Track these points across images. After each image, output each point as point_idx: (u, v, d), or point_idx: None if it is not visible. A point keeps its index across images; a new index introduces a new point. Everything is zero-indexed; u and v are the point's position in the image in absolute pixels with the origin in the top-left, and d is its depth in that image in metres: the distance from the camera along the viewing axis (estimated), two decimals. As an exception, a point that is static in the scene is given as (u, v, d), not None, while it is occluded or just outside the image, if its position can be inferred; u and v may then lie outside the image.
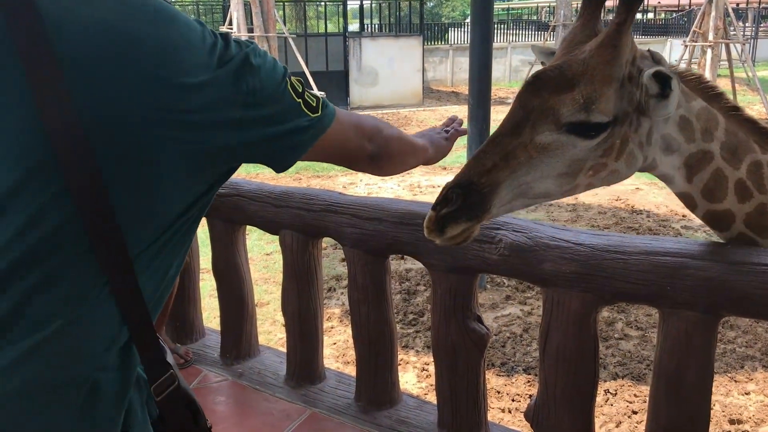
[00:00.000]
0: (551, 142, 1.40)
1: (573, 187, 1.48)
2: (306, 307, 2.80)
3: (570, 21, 17.40)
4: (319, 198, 2.64)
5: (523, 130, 1.40)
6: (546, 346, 2.11)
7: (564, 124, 1.38)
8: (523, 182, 1.42)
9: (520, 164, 1.40)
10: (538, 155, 1.40)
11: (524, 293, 5.53)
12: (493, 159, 1.40)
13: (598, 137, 1.41)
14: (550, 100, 1.39)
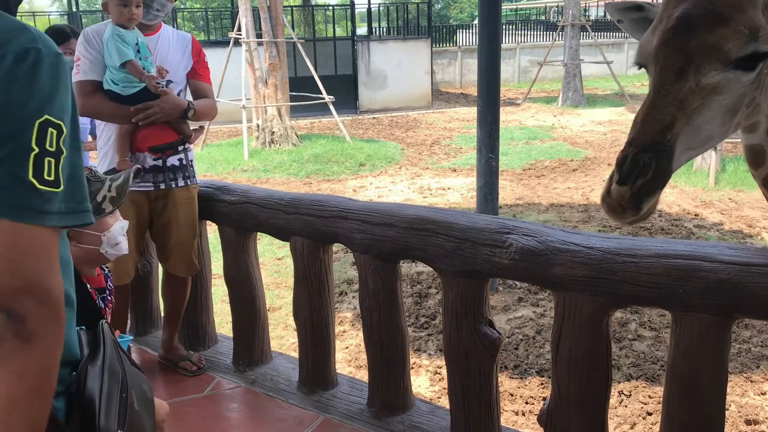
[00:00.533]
0: (719, 80, 1.30)
1: (729, 126, 1.38)
2: (317, 314, 2.80)
3: (578, 21, 17.34)
4: (330, 204, 2.65)
5: (687, 74, 1.30)
6: (558, 349, 2.10)
7: (733, 60, 1.29)
8: (695, 128, 1.31)
9: (695, 111, 1.29)
10: (708, 97, 1.30)
11: (537, 295, 5.51)
12: (671, 111, 1.28)
13: (757, 68, 1.32)
14: (709, 38, 1.29)
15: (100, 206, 1.60)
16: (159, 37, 2.94)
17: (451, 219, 2.30)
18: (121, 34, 2.72)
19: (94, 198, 1.59)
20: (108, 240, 1.61)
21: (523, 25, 29.18)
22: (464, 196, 8.78)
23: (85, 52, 2.80)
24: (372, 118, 16.55)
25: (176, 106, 2.84)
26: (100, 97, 2.80)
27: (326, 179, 9.89)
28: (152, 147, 2.85)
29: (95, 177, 1.63)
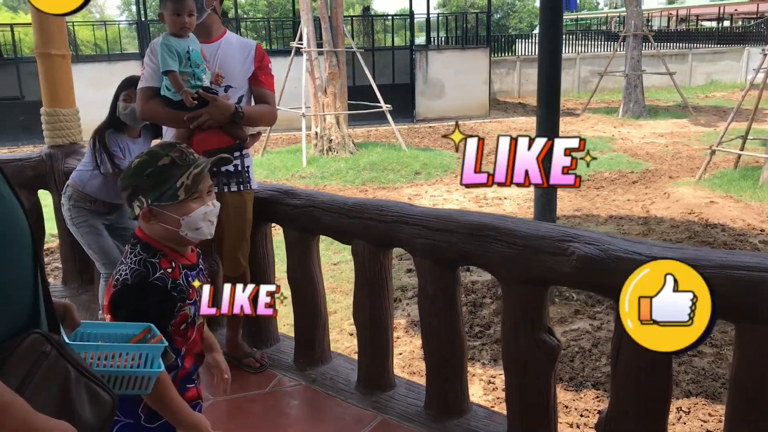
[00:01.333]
0: None
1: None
2: (377, 316, 2.87)
3: (641, 31, 17.03)
4: (391, 209, 2.71)
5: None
6: (618, 359, 2.11)
7: None
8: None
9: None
10: None
11: (594, 308, 5.45)
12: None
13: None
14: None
15: (177, 192, 1.66)
16: (221, 44, 3.04)
17: (512, 226, 2.33)
18: (169, 44, 2.84)
19: (174, 183, 1.65)
20: (187, 224, 1.67)
21: (583, 35, 28.79)
22: (521, 206, 8.73)
23: (149, 61, 2.96)
24: (428, 126, 16.60)
25: (224, 112, 2.93)
26: (156, 102, 2.96)
27: (382, 187, 9.98)
28: (207, 151, 2.91)
29: (183, 160, 1.68)
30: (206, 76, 2.94)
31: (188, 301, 1.71)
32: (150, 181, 1.65)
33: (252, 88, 3.12)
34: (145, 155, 1.69)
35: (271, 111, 3.17)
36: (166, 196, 1.65)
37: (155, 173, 1.66)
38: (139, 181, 1.66)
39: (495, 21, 35.84)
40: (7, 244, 1.04)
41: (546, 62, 5.22)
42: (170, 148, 1.70)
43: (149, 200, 1.65)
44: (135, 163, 1.69)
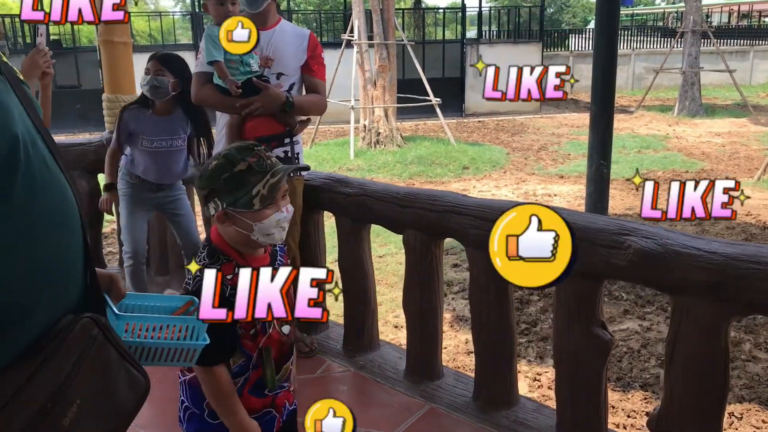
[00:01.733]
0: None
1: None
2: (427, 305, 2.88)
3: (700, 27, 16.56)
4: (444, 199, 2.71)
5: None
6: (673, 355, 2.08)
7: None
8: None
9: None
10: None
11: (643, 308, 5.35)
12: None
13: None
14: None
15: (252, 201, 1.64)
16: (275, 31, 3.08)
17: (567, 217, 2.29)
18: (213, 34, 2.87)
19: (249, 191, 1.64)
20: (259, 230, 1.67)
21: (638, 31, 28.15)
22: (571, 203, 8.62)
23: (203, 46, 3.03)
24: (478, 121, 16.49)
25: (275, 101, 2.98)
26: (210, 88, 3.02)
27: (429, 181, 9.96)
28: (258, 138, 2.93)
29: (260, 166, 1.67)
30: (254, 60, 2.98)
31: None
32: (226, 186, 1.65)
33: (303, 76, 3.16)
34: (223, 158, 1.68)
35: (320, 100, 3.22)
36: (241, 203, 1.65)
37: (231, 179, 1.65)
38: (215, 185, 1.66)
39: (548, 15, 35.34)
40: (58, 227, 1.06)
41: (601, 58, 5.15)
42: (248, 152, 1.68)
43: (224, 204, 1.66)
44: (213, 165, 1.68)
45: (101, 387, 1.10)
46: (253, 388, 1.76)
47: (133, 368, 1.17)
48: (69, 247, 1.10)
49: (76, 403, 1.03)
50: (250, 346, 1.72)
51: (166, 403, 2.15)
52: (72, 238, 1.10)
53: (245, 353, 1.72)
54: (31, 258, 1.02)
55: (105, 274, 1.32)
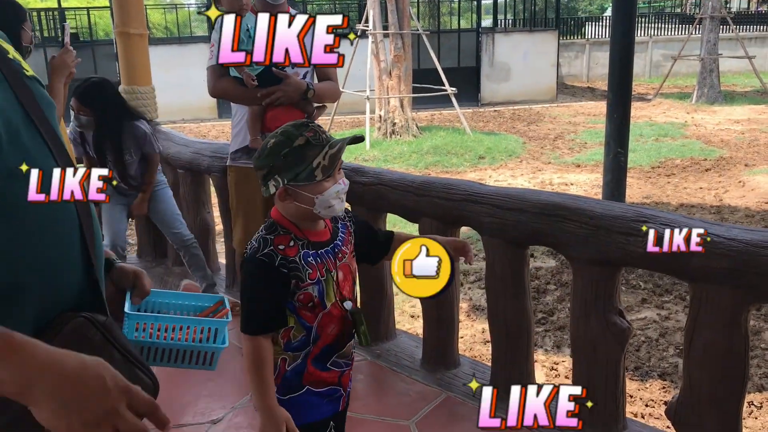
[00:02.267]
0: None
1: None
2: (444, 295, 2.87)
3: (719, 13, 16.32)
4: (460, 188, 2.70)
5: None
6: (692, 343, 2.06)
7: None
8: None
9: None
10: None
11: (661, 297, 5.32)
12: None
13: None
14: None
15: (313, 173, 1.66)
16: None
17: (584, 205, 2.30)
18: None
19: (310, 163, 1.67)
20: (320, 202, 1.69)
21: (656, 18, 27.81)
22: (587, 192, 8.56)
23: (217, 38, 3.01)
24: (493, 110, 16.40)
25: (297, 89, 2.98)
26: (227, 80, 3.01)
27: (445, 171, 9.94)
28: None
29: (317, 140, 1.69)
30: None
31: (308, 281, 1.70)
32: (287, 161, 1.67)
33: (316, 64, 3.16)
34: (280, 135, 1.70)
35: (335, 87, 3.25)
36: (303, 176, 1.67)
37: (292, 153, 1.67)
38: (275, 162, 1.68)
39: (564, 3, 35.01)
40: (45, 221, 1.03)
41: (619, 45, 5.09)
42: (304, 128, 1.70)
43: (285, 180, 1.68)
44: (271, 143, 1.70)
45: None
46: (315, 362, 1.76)
47: (139, 370, 1.11)
48: (65, 244, 1.07)
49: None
50: (309, 317, 1.73)
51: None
52: (65, 233, 1.07)
53: (305, 326, 1.73)
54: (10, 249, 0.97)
55: (129, 270, 1.30)
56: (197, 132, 13.40)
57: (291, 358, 1.74)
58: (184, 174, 4.18)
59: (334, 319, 1.76)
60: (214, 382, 2.98)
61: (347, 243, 1.84)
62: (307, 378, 1.75)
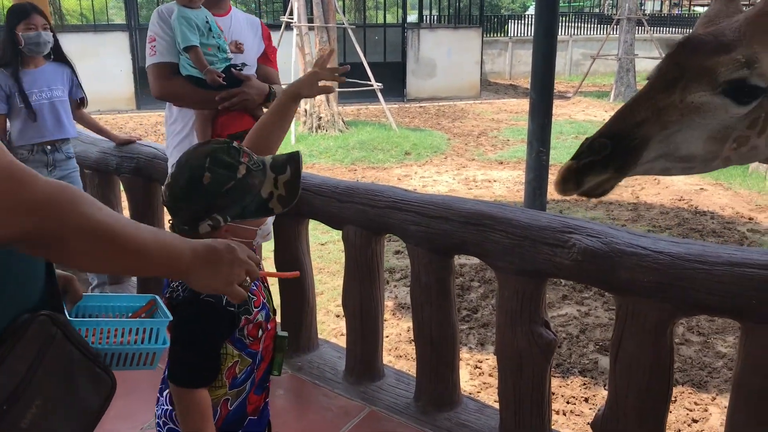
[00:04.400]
0: (704, 102, 1.35)
1: (715, 156, 1.43)
2: (367, 304, 2.78)
3: (635, 15, 16.91)
4: (384, 194, 2.61)
5: (675, 88, 1.37)
6: (618, 356, 2.04)
7: (721, 83, 1.34)
8: (671, 141, 1.38)
9: (671, 122, 1.36)
10: (689, 115, 1.36)
11: (581, 293, 5.41)
12: (644, 113, 1.36)
13: (750, 104, 1.36)
14: (706, 60, 1.35)
15: (267, 205, 1.45)
16: (231, 18, 2.82)
17: (510, 215, 2.24)
18: (187, 16, 2.57)
19: (257, 194, 1.44)
20: (261, 232, 1.54)
21: (576, 18, 28.63)
22: (510, 189, 8.67)
23: (161, 32, 2.67)
24: (419, 106, 16.45)
25: (261, 92, 2.74)
26: (179, 80, 2.68)
27: (371, 167, 9.87)
28: (231, 135, 2.68)
29: (255, 165, 1.46)
30: (227, 47, 2.72)
31: (255, 309, 1.53)
32: (231, 197, 1.43)
33: (260, 66, 2.91)
34: (218, 168, 1.42)
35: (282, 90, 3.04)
36: (251, 210, 1.44)
37: (235, 188, 1.42)
38: (216, 200, 1.42)
39: (487, 1, 35.64)
40: None
41: (542, 45, 5.11)
42: (236, 152, 1.46)
43: (228, 218, 1.43)
44: (208, 177, 1.41)
45: (63, 387, 1.08)
46: (257, 389, 1.64)
47: (97, 367, 1.16)
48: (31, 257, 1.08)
49: (35, 404, 1.01)
50: (255, 346, 1.58)
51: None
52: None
53: (251, 356, 1.57)
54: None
55: (61, 275, 1.28)
56: (114, 124, 12.82)
57: (234, 395, 1.56)
58: (91, 174, 3.91)
59: (270, 334, 1.64)
60: (123, 401, 2.78)
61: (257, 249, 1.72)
62: (248, 408, 1.61)
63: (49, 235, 0.95)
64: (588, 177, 1.35)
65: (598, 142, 1.34)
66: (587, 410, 3.78)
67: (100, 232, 1.00)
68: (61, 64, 3.67)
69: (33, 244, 0.96)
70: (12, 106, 3.42)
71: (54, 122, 3.54)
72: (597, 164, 1.34)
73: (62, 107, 3.60)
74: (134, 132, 9.32)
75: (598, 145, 1.34)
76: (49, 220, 0.94)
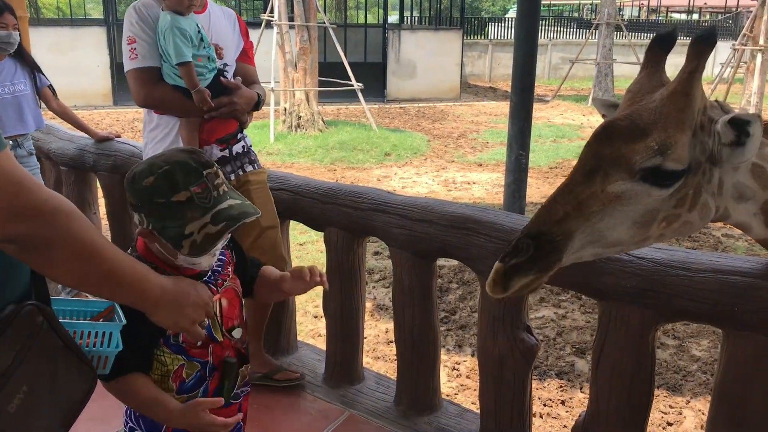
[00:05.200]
0: (624, 191, 1.36)
1: (645, 237, 1.43)
2: (348, 307, 2.75)
3: (614, 20, 17.08)
4: (368, 197, 2.59)
5: (595, 179, 1.37)
6: (600, 361, 2.04)
7: (638, 171, 1.35)
8: (596, 230, 1.38)
9: (593, 213, 1.37)
10: (611, 204, 1.36)
11: (558, 296, 5.44)
12: (565, 208, 1.37)
13: (672, 186, 1.36)
14: (622, 148, 1.36)
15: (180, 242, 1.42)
16: (210, 15, 2.64)
17: (494, 219, 2.23)
18: (182, 27, 2.42)
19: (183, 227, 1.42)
20: (184, 260, 1.48)
21: (555, 22, 28.86)
22: (489, 191, 8.70)
23: (143, 34, 2.48)
24: (399, 107, 16.46)
25: (250, 101, 2.62)
26: (165, 87, 2.52)
27: (351, 167, 9.85)
28: (219, 139, 2.63)
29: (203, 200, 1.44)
30: (212, 52, 2.57)
31: None
32: (158, 211, 1.42)
33: (239, 64, 2.77)
34: (163, 177, 1.42)
35: (264, 90, 2.87)
36: (168, 235, 1.42)
37: (166, 207, 1.41)
38: (146, 203, 1.43)
39: (468, 3, 35.74)
40: None
41: (523, 48, 5.12)
42: (195, 178, 1.43)
43: (150, 225, 1.44)
44: (150, 181, 1.42)
45: (49, 374, 1.13)
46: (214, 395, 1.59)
47: (78, 358, 1.20)
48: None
49: (22, 390, 1.07)
50: (200, 353, 1.55)
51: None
52: None
53: (198, 362, 1.55)
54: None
55: None
56: (90, 120, 12.56)
57: (185, 401, 1.53)
58: (67, 171, 3.84)
59: (228, 348, 1.61)
60: (97, 403, 2.73)
61: (228, 264, 1.66)
62: None
63: (40, 240, 1.02)
64: (513, 280, 1.36)
65: (522, 242, 1.36)
66: (564, 413, 3.80)
67: (85, 247, 1.09)
68: (21, 59, 3.62)
69: (22, 246, 1.02)
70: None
71: (16, 117, 3.47)
72: (521, 266, 1.35)
73: (25, 101, 3.53)
74: (111, 128, 9.19)
75: (522, 247, 1.35)
76: (46, 227, 1.02)
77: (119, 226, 3.62)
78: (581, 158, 1.42)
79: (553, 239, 1.36)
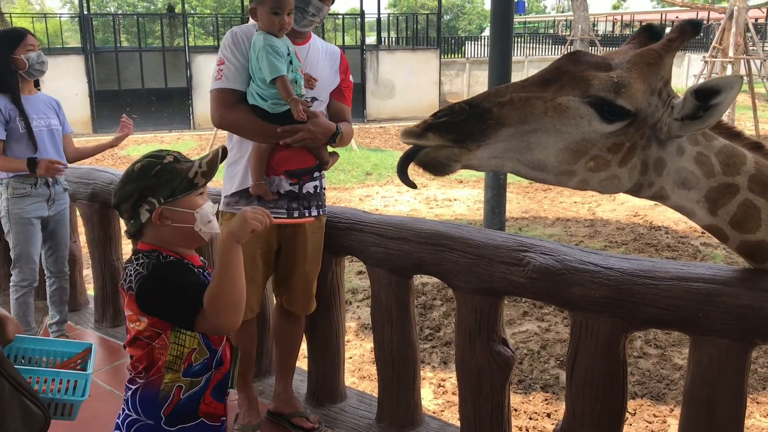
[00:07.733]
0: (571, 107, 1.42)
1: (570, 171, 1.48)
2: (328, 326, 2.78)
3: (588, 36, 17.36)
4: (344, 216, 2.63)
5: (550, 86, 1.44)
6: (574, 371, 2.08)
7: (591, 95, 1.42)
8: (526, 139, 1.43)
9: (533, 116, 1.42)
10: (553, 115, 1.42)
11: (542, 309, 5.48)
12: (512, 96, 1.42)
13: (613, 125, 1.43)
14: (586, 70, 1.43)
15: (193, 182, 1.63)
16: (309, 47, 2.61)
17: (467, 235, 2.29)
18: (274, 45, 2.41)
19: (185, 177, 1.63)
20: (201, 217, 1.62)
21: (531, 38, 29.25)
22: (470, 207, 8.77)
23: (232, 57, 2.48)
24: (379, 127, 16.57)
25: (326, 131, 2.51)
26: (243, 110, 2.47)
27: (332, 187, 9.89)
28: (289, 171, 2.54)
29: (182, 158, 1.68)
30: (301, 80, 2.50)
31: None
32: (160, 178, 1.61)
33: (332, 101, 2.67)
34: (144, 160, 1.65)
35: (352, 131, 2.77)
36: (181, 188, 1.62)
37: (164, 170, 1.62)
38: (147, 182, 1.61)
39: (445, 23, 36.12)
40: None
41: (497, 66, 5.22)
42: (164, 152, 1.68)
43: (162, 199, 1.61)
44: (136, 168, 1.64)
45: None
46: (214, 390, 1.70)
47: (30, 402, 1.17)
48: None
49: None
50: (216, 339, 1.68)
51: None
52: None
53: (210, 348, 1.67)
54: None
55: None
56: (68, 148, 12.61)
57: (188, 385, 1.64)
58: (46, 200, 3.83)
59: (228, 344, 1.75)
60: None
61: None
62: (203, 409, 1.68)
63: None
64: (431, 133, 1.43)
65: (459, 105, 1.41)
66: (549, 426, 3.82)
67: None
68: (49, 95, 3.59)
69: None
70: (11, 132, 3.20)
71: (54, 150, 3.35)
72: (444, 125, 1.41)
73: (59, 136, 3.44)
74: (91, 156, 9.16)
75: (458, 108, 1.40)
76: None
77: (101, 253, 3.62)
78: (546, 69, 1.50)
79: (486, 117, 1.41)
